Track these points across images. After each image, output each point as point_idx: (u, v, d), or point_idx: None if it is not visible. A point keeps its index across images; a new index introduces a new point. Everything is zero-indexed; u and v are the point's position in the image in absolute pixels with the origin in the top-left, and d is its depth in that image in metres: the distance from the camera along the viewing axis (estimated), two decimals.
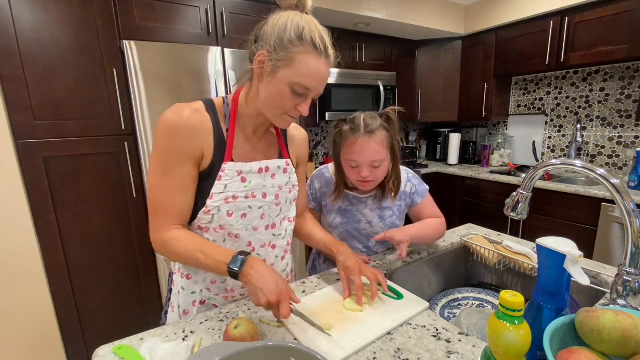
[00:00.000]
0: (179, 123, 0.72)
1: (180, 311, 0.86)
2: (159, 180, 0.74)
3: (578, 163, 0.68)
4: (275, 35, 0.68)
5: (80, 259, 1.61)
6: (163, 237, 0.75)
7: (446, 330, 0.73)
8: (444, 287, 1.20)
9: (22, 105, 1.40)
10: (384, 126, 0.96)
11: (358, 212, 1.10)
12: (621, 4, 1.99)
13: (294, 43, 0.67)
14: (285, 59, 0.68)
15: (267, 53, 0.69)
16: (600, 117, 2.45)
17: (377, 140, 0.94)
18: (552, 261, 0.59)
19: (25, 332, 1.52)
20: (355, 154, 0.95)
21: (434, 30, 2.75)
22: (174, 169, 0.73)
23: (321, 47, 0.69)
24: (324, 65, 0.71)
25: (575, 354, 0.49)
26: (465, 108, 3.02)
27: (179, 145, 0.72)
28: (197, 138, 0.73)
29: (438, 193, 3.01)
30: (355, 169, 0.97)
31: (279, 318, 0.69)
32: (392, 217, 1.10)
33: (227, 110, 0.79)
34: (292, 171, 0.88)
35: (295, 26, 0.68)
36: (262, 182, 0.82)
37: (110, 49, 1.55)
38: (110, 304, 1.73)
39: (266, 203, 0.83)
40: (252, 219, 0.82)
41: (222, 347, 0.50)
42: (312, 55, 0.69)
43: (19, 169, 1.43)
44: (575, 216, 2.12)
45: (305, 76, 0.69)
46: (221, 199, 0.76)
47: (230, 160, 0.77)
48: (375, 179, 0.98)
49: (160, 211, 0.75)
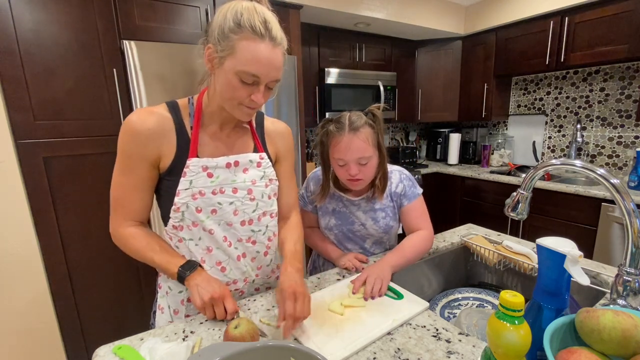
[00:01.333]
0: (135, 127, 0.74)
1: (171, 311, 0.87)
2: (119, 178, 0.78)
3: (578, 163, 0.68)
4: (218, 27, 0.68)
5: (80, 259, 1.61)
6: (120, 232, 0.80)
7: (446, 330, 0.73)
8: (444, 287, 1.20)
9: (22, 105, 1.40)
10: (369, 123, 0.96)
11: (351, 214, 1.09)
12: (621, 4, 1.99)
13: (233, 31, 0.66)
14: (227, 49, 0.67)
15: (213, 46, 0.69)
16: (600, 117, 2.45)
17: (362, 137, 0.94)
18: (552, 261, 0.59)
19: (25, 332, 1.52)
20: (341, 152, 0.95)
21: (433, 30, 2.75)
22: (131, 169, 0.76)
23: (261, 30, 0.66)
24: (267, 48, 0.68)
25: (575, 354, 0.49)
26: (465, 108, 3.02)
27: (134, 148, 0.75)
28: (153, 141, 0.75)
29: (438, 193, 3.01)
30: (344, 167, 0.97)
31: (216, 318, 0.76)
32: (385, 219, 1.09)
33: (191, 109, 0.80)
34: (267, 165, 0.87)
35: (234, 14, 0.67)
36: (232, 176, 0.81)
37: (110, 49, 1.55)
38: (110, 304, 1.73)
39: (237, 198, 0.82)
40: (224, 215, 0.81)
41: (222, 347, 0.50)
42: (253, 40, 0.66)
43: (19, 169, 1.43)
44: (575, 216, 2.12)
45: (248, 63, 0.67)
46: (187, 195, 0.77)
47: (195, 156, 0.77)
48: (365, 177, 0.98)
49: (119, 207, 0.79)
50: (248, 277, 0.89)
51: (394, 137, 3.49)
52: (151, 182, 0.79)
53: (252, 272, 0.90)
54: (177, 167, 0.77)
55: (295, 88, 2.03)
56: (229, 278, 0.86)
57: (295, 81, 2.02)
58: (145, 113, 0.75)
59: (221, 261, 0.84)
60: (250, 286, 0.92)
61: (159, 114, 0.77)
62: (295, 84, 2.02)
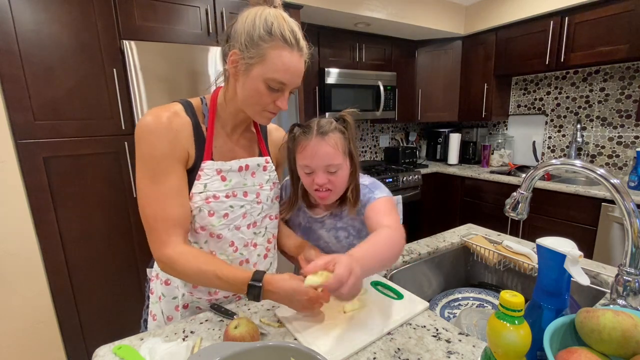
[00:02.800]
0: (161, 126, 0.70)
1: (164, 317, 0.85)
2: (150, 190, 0.70)
3: (578, 163, 0.68)
4: (245, 33, 0.68)
5: (80, 259, 1.61)
6: (168, 254, 0.70)
7: (446, 330, 0.73)
8: (444, 287, 1.20)
9: (22, 105, 1.40)
10: (339, 129, 0.87)
11: (315, 231, 1.01)
12: (621, 4, 1.99)
13: (263, 39, 0.67)
14: (257, 56, 0.68)
15: (239, 52, 0.69)
16: (600, 117, 2.44)
17: (331, 143, 0.83)
18: (552, 261, 0.59)
19: (25, 332, 1.52)
20: (307, 158, 0.85)
21: (434, 30, 2.75)
22: (163, 174, 0.70)
23: (292, 40, 0.69)
24: (296, 57, 0.71)
25: (575, 354, 0.49)
26: (465, 108, 3.02)
27: (164, 148, 0.70)
28: (179, 139, 0.72)
29: (438, 193, 3.01)
30: (310, 175, 0.86)
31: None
32: (348, 238, 0.98)
33: (205, 110, 0.79)
34: (272, 169, 0.89)
35: (264, 22, 0.67)
36: (243, 180, 0.82)
37: (110, 49, 1.55)
38: (110, 304, 1.73)
39: (247, 202, 0.82)
40: (234, 219, 0.81)
41: (222, 347, 0.50)
42: (284, 49, 0.68)
43: (19, 169, 1.43)
44: (575, 216, 2.12)
45: (279, 71, 0.69)
46: (201, 199, 0.75)
47: (210, 159, 0.77)
48: (334, 188, 0.87)
49: (159, 224, 0.70)
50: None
51: (394, 137, 3.49)
52: (187, 185, 0.74)
53: None
54: (194, 169, 0.75)
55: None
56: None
57: None
58: (163, 111, 0.72)
59: None
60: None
61: (177, 113, 0.73)
62: None
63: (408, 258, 1.10)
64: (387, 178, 2.63)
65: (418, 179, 2.82)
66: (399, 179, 2.69)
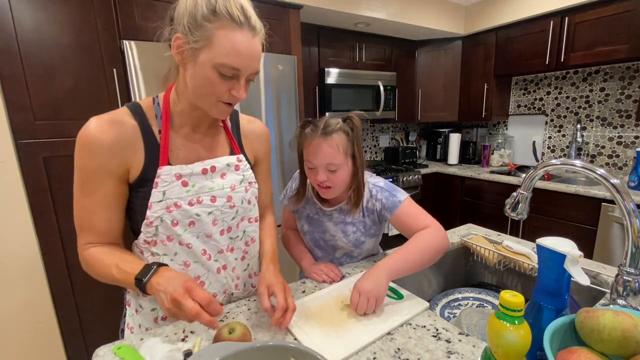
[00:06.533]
0: (95, 140, 0.65)
1: (142, 330, 0.80)
2: (79, 198, 0.68)
3: (578, 163, 0.68)
4: (188, 14, 0.60)
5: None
6: (83, 255, 0.71)
7: (446, 330, 0.73)
8: (444, 287, 1.20)
9: (22, 105, 1.40)
10: (345, 130, 0.90)
11: (323, 223, 1.05)
12: (621, 4, 1.99)
13: (208, 19, 0.59)
14: (203, 39, 0.60)
15: (183, 35, 0.61)
16: (600, 117, 2.44)
17: (332, 144, 0.87)
18: (552, 261, 0.59)
19: (25, 332, 1.52)
20: (310, 155, 0.90)
21: (434, 30, 2.75)
22: (93, 188, 0.67)
23: (240, 17, 0.60)
24: (248, 38, 0.62)
25: (575, 354, 0.49)
26: (465, 108, 3.02)
27: (95, 163, 0.65)
28: (117, 153, 0.66)
29: (438, 193, 3.01)
30: (313, 171, 0.92)
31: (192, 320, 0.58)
32: (355, 233, 1.01)
33: (157, 110, 0.71)
34: (246, 167, 0.81)
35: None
36: (209, 184, 0.74)
37: (110, 49, 1.55)
38: (110, 304, 1.73)
39: (216, 207, 0.75)
40: (202, 227, 0.74)
41: (222, 347, 0.50)
42: (232, 29, 0.60)
43: (19, 169, 1.43)
44: (575, 216, 2.12)
45: (229, 55, 0.60)
46: (161, 207, 0.69)
47: (167, 163, 0.70)
48: (334, 185, 0.91)
49: (83, 230, 0.70)
50: (228, 289, 0.85)
51: (394, 137, 3.49)
52: (120, 199, 0.70)
53: (231, 283, 0.86)
54: (148, 178, 0.69)
55: (295, 88, 2.03)
56: (209, 292, 0.77)
57: (295, 81, 2.01)
58: (104, 122, 0.66)
59: (200, 275, 0.78)
60: (229, 299, 0.87)
61: (121, 121, 0.68)
62: (295, 84, 2.02)
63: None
64: (387, 178, 2.63)
65: (418, 179, 2.82)
66: (399, 179, 2.69)
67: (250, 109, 1.86)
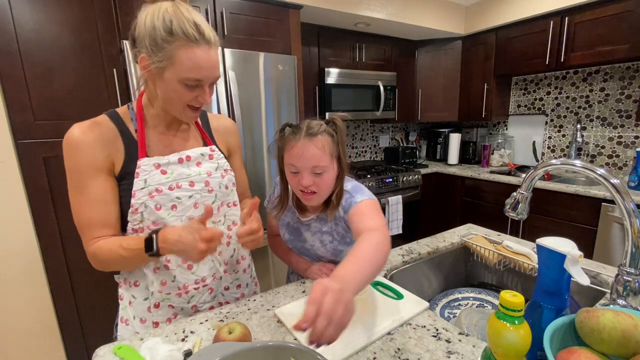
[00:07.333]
0: (78, 140, 0.72)
1: (137, 321, 0.83)
2: (75, 199, 0.74)
3: (578, 163, 0.68)
4: (148, 37, 0.67)
5: (80, 259, 1.61)
6: (90, 252, 0.75)
7: (446, 330, 0.73)
8: (444, 287, 1.20)
9: (22, 105, 1.40)
10: (329, 131, 0.86)
11: (302, 233, 1.02)
12: (621, 4, 1.99)
13: (166, 40, 0.66)
14: (166, 59, 0.67)
15: (147, 57, 0.69)
16: (600, 117, 2.45)
17: (318, 145, 0.83)
18: (552, 261, 0.59)
19: (25, 332, 1.52)
20: (294, 157, 0.85)
21: (434, 30, 2.75)
22: (85, 184, 0.73)
23: (195, 35, 0.67)
24: (205, 51, 0.69)
25: (575, 354, 0.49)
26: (465, 108, 3.02)
27: (82, 161, 0.72)
28: (101, 149, 0.74)
29: (438, 193, 3.01)
30: (296, 175, 0.87)
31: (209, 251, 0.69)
32: (332, 243, 0.97)
33: (132, 115, 0.80)
34: (219, 156, 0.89)
35: (162, 21, 0.66)
36: (186, 171, 0.81)
37: (110, 49, 1.55)
38: (110, 304, 1.72)
39: (195, 191, 0.82)
40: (184, 209, 0.80)
41: (222, 347, 0.50)
42: (189, 47, 0.67)
43: (19, 169, 1.43)
44: (575, 216, 2.12)
45: (191, 70, 0.69)
46: (144, 194, 0.76)
47: (145, 156, 0.77)
48: (319, 190, 0.86)
49: (84, 228, 0.75)
50: (216, 272, 0.88)
51: (394, 137, 3.49)
52: (112, 191, 0.76)
53: (220, 268, 0.89)
54: (129, 171, 0.76)
55: (295, 88, 2.03)
56: (197, 276, 0.84)
57: (295, 81, 2.02)
58: (85, 126, 0.74)
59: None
60: (219, 283, 0.90)
61: (101, 124, 0.76)
62: (295, 84, 2.02)
63: (408, 258, 1.10)
64: (387, 178, 2.63)
65: (418, 179, 2.82)
66: (399, 179, 2.69)
67: (251, 109, 1.86)
